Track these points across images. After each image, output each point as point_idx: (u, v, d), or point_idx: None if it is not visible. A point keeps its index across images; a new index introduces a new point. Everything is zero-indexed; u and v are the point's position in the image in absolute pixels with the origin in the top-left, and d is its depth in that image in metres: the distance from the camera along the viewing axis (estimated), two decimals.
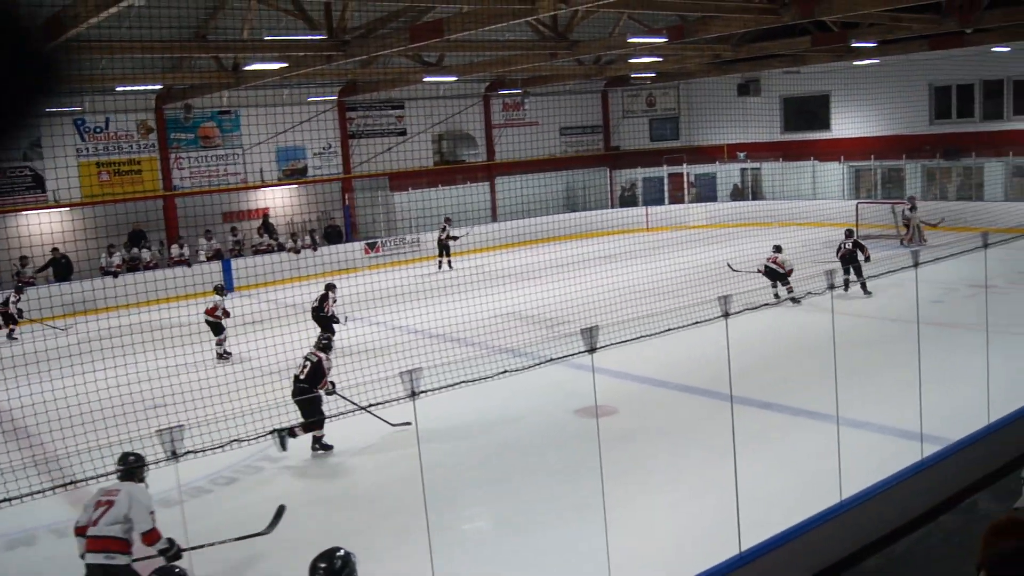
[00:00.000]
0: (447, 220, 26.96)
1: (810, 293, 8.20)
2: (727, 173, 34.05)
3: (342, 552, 4.83)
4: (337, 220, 29.14)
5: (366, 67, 22.95)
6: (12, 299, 20.48)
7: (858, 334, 15.25)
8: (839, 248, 18.95)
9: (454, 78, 25.57)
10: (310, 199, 28.66)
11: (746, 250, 20.81)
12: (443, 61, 23.34)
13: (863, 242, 19.01)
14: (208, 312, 16.77)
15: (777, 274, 18.34)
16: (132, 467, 6.70)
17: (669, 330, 7.01)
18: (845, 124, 31.01)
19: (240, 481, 10.64)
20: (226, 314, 16.70)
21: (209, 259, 25.58)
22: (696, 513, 8.83)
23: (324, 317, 16.75)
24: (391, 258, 27.94)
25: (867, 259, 18.24)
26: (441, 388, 5.97)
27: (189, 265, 24.80)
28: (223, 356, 16.60)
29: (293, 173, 28.56)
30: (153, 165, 25.89)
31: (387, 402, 5.90)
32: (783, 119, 33.51)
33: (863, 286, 17.44)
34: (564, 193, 34.09)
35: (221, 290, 17.45)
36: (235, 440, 5.10)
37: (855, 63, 28.09)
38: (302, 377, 11.21)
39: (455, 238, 26.51)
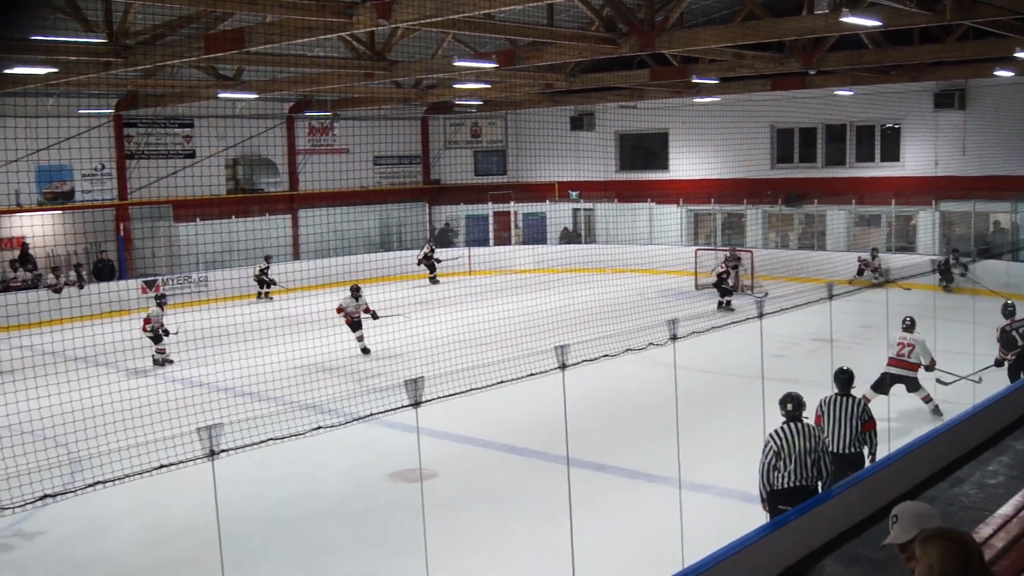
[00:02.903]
0: (430, 243, 31.74)
1: (652, 344, 8.54)
2: (558, 213, 34.95)
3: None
4: (109, 253, 28.07)
5: (150, 78, 22.37)
6: None
7: (699, 390, 15.93)
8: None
9: (254, 96, 25.26)
10: (77, 228, 27.48)
11: (578, 298, 21.38)
12: (241, 76, 23.06)
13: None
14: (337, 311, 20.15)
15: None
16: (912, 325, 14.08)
17: (503, 382, 7.16)
18: (684, 165, 32.51)
19: None
20: (368, 312, 20.08)
21: None
22: None
23: (727, 289, 23.82)
24: (173, 299, 27.07)
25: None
26: (245, 447, 5.88)
27: None
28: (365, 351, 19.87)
29: (56, 197, 27.34)
30: None
31: (181, 463, 5.76)
32: (619, 157, 34.80)
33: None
34: (377, 230, 34.09)
35: (357, 291, 20.00)
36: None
37: (695, 100, 29.57)
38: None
39: (439, 260, 30.87)
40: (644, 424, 13.99)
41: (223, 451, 5.58)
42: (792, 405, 8.82)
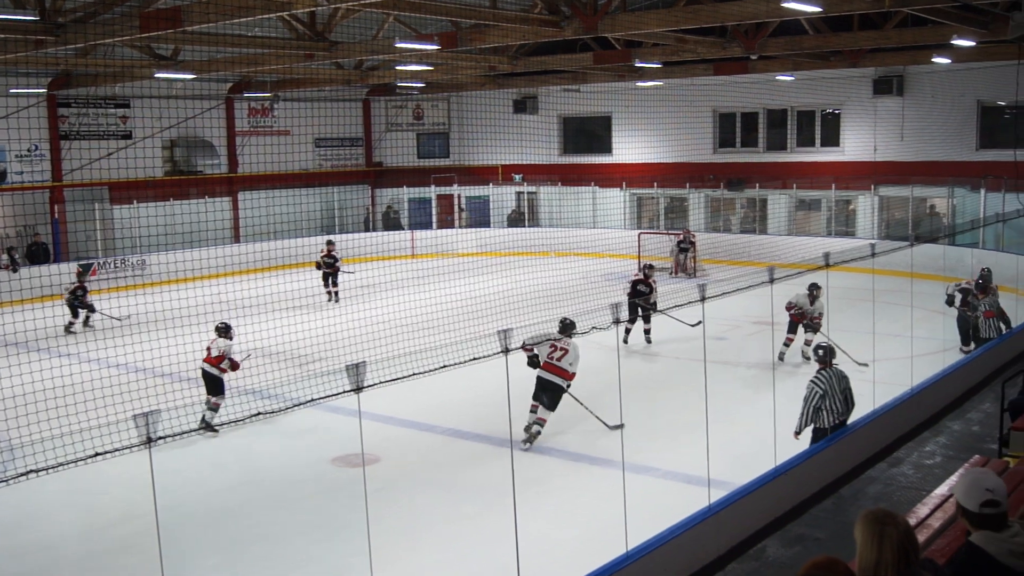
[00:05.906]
0: (328, 243, 25.30)
1: (595, 328, 8.54)
2: (501, 196, 34.93)
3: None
4: (43, 236, 27.55)
5: (84, 57, 21.93)
6: None
7: (641, 373, 16.04)
8: None
9: (191, 76, 24.87)
10: (9, 210, 26.94)
11: (522, 281, 21.39)
12: (179, 55, 22.70)
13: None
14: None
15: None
16: (570, 328, 11.93)
17: (446, 367, 7.11)
18: (627, 148, 32.62)
19: None
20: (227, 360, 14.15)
21: None
22: (474, 571, 8.97)
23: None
24: (110, 283, 26.66)
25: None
26: (183, 434, 5.78)
27: None
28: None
29: None
30: None
31: (117, 451, 5.65)
32: (562, 140, 34.84)
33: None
34: (319, 213, 33.80)
35: (227, 331, 14.57)
36: None
37: (638, 84, 29.66)
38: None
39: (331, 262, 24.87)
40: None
41: (160, 438, 5.48)
42: (823, 352, 10.29)
